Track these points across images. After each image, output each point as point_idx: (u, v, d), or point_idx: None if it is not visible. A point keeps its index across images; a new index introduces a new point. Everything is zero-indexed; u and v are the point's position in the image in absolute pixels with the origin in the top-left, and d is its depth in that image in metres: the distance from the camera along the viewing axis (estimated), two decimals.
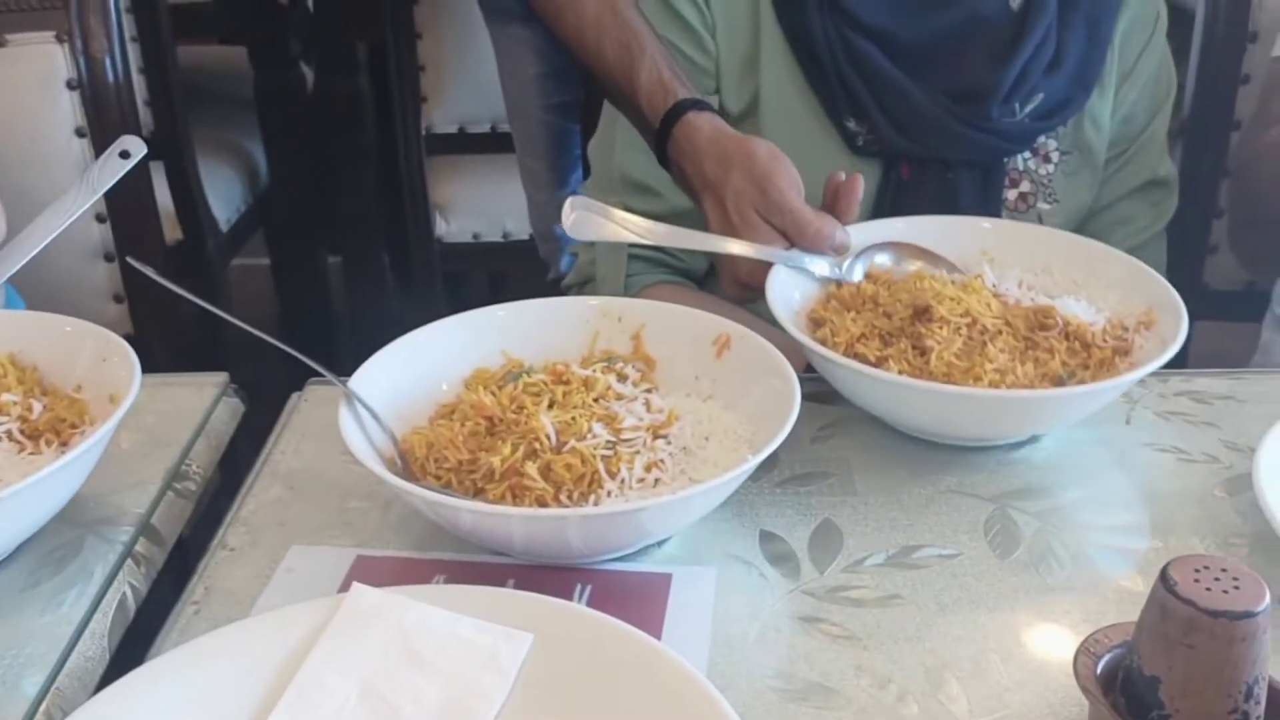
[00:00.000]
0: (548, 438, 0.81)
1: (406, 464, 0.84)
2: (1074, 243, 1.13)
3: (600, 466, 0.80)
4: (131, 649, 0.84)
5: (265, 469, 1.01)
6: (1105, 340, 1.00)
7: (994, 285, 1.06)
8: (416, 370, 0.93)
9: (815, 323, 1.07)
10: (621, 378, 0.91)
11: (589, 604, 0.79)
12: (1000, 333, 0.99)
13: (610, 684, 0.68)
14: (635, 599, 0.80)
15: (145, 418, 1.05)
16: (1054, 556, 0.88)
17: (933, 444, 0.99)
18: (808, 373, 1.00)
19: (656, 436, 0.85)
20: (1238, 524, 0.90)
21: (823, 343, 1.00)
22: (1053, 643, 0.80)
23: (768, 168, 1.03)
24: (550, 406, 0.86)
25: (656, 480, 0.82)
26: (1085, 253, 1.12)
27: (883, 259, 1.10)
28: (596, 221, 1.00)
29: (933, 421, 0.98)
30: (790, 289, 1.06)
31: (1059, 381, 0.95)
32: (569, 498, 0.78)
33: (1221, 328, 1.59)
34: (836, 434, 1.04)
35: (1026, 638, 0.81)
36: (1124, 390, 0.97)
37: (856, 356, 0.98)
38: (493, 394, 0.87)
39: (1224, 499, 0.93)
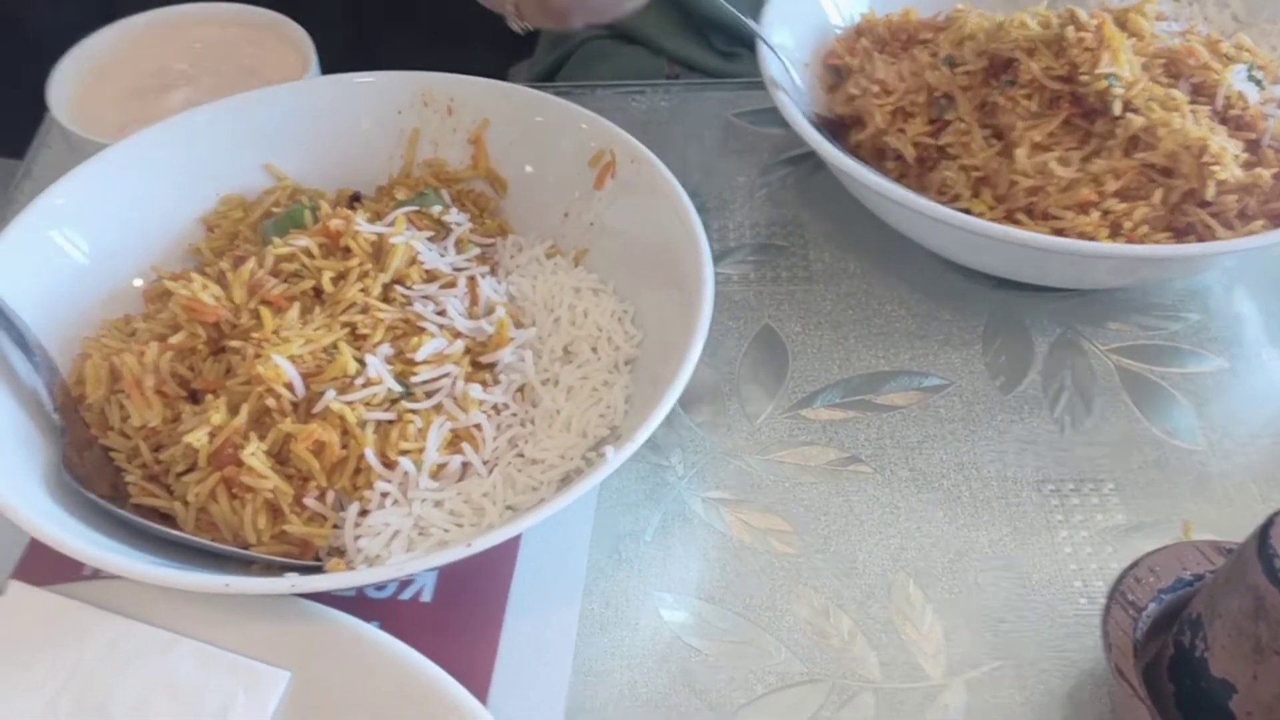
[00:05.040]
0: (288, 388, 0.50)
1: (71, 416, 0.53)
2: None
3: (369, 451, 0.49)
4: None
5: None
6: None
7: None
8: (116, 213, 0.60)
9: (835, 73, 0.75)
10: (440, 231, 0.59)
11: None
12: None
13: None
14: None
15: None
16: (1078, 391, 0.63)
17: None
18: None
19: (477, 368, 0.55)
20: None
21: (837, 123, 0.70)
22: (1071, 549, 0.57)
23: None
24: (316, 297, 0.55)
25: (464, 467, 0.51)
26: None
27: None
28: None
29: (1004, 269, 0.67)
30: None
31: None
32: (320, 498, 0.49)
33: None
34: (795, 174, 0.76)
35: (1032, 536, 0.58)
36: None
37: (878, 154, 0.68)
38: (223, 275, 0.56)
39: None
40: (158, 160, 0.62)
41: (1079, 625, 0.54)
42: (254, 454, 0.49)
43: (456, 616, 0.53)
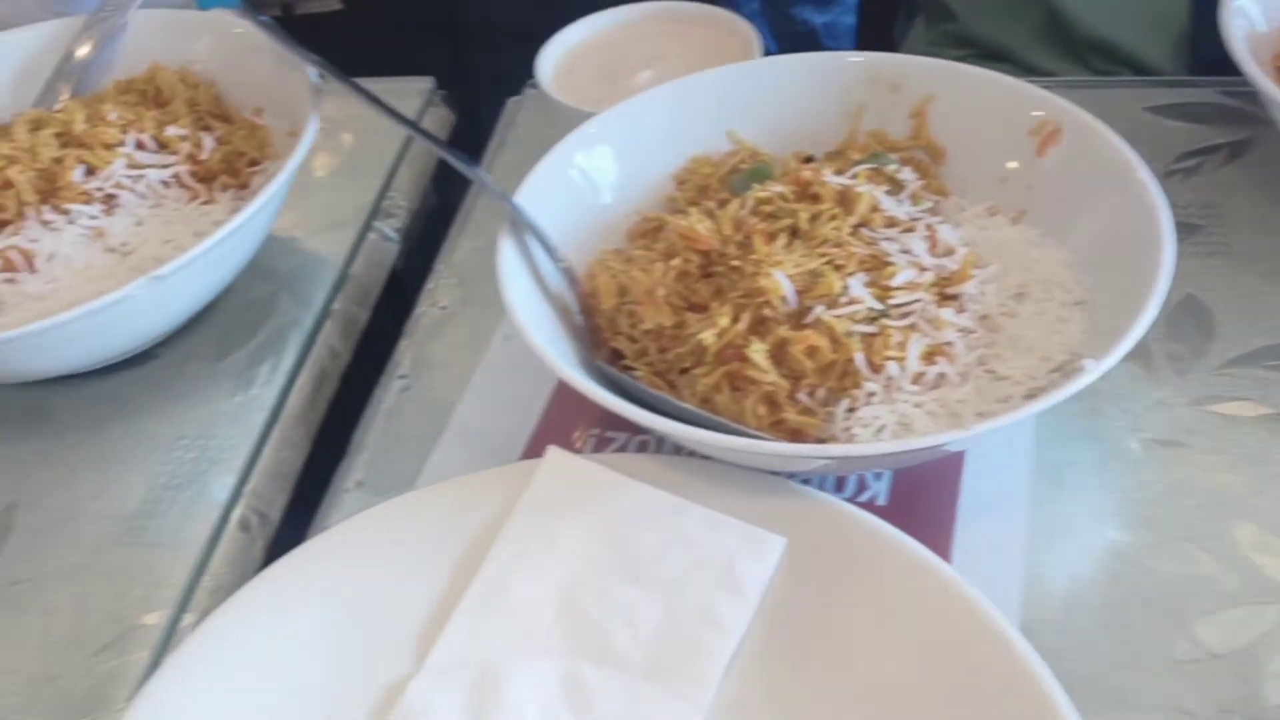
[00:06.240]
0: (783, 300, 0.57)
1: (590, 319, 0.63)
2: None
3: (858, 355, 0.56)
4: (334, 431, 0.72)
5: (481, 199, 0.85)
6: None
7: None
8: (610, 162, 0.70)
9: None
10: (894, 187, 0.65)
11: None
12: None
13: (882, 611, 0.51)
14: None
15: (341, 136, 0.92)
16: None
17: None
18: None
19: (944, 298, 0.60)
20: None
21: None
22: None
23: None
24: (792, 236, 0.62)
25: (940, 376, 0.57)
26: None
27: None
28: None
29: None
30: None
31: None
32: (810, 394, 0.56)
33: None
34: (1207, 164, 0.78)
35: None
36: None
37: None
38: (711, 212, 0.64)
39: None
40: (642, 122, 0.72)
41: None
42: (757, 351, 0.56)
43: (909, 520, 0.58)
